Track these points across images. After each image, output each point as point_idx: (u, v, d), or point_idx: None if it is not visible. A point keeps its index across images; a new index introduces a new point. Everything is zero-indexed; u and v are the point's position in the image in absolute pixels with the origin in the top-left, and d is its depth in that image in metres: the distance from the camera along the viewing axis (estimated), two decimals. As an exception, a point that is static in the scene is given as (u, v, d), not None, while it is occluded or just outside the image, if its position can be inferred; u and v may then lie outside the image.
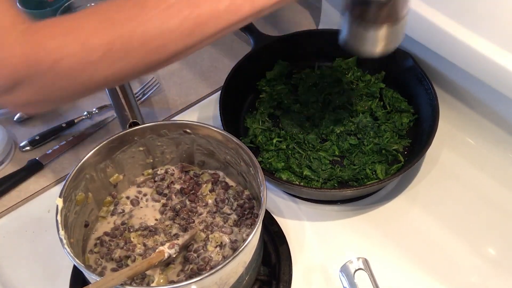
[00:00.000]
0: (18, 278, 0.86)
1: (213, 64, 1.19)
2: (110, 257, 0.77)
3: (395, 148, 0.97)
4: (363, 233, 0.90)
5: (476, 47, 0.86)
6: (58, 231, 0.67)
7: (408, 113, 1.02)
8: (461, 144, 1.01)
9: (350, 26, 0.75)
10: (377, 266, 0.73)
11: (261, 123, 1.03)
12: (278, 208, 0.94)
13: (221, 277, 0.67)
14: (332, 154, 0.97)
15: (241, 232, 0.79)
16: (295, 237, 0.89)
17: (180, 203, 0.83)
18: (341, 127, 1.00)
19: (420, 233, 0.90)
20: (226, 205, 0.82)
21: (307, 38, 1.11)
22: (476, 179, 0.96)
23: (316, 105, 1.04)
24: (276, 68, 1.11)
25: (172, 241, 0.74)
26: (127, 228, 0.80)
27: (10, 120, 1.08)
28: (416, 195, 0.95)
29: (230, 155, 0.81)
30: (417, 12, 0.92)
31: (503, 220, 0.91)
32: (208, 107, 1.10)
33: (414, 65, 1.02)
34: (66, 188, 0.72)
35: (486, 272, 0.85)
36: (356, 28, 0.75)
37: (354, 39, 0.76)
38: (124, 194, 0.85)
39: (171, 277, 0.74)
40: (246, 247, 0.66)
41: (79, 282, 0.83)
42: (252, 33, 1.10)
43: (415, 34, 0.96)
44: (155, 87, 1.14)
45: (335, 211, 0.93)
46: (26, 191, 0.97)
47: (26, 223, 0.92)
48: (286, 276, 0.84)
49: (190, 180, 0.86)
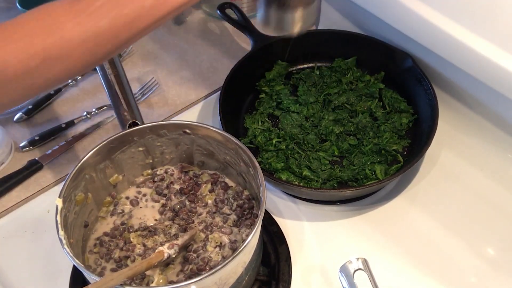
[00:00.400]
0: (18, 278, 0.86)
1: (212, 65, 1.19)
2: (109, 257, 0.77)
3: (395, 149, 0.97)
4: (362, 233, 0.90)
5: (475, 47, 0.86)
6: (58, 231, 0.67)
7: (408, 114, 1.03)
8: (461, 144, 1.01)
9: (268, 9, 0.80)
10: (376, 266, 0.73)
11: (261, 124, 1.03)
12: (278, 209, 0.94)
13: (220, 277, 0.67)
14: (332, 154, 0.98)
15: (241, 232, 0.79)
16: (294, 238, 0.89)
17: (180, 204, 0.83)
18: (341, 127, 1.00)
19: (420, 233, 0.90)
20: (225, 205, 0.83)
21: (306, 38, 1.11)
22: (475, 179, 0.96)
23: (316, 105, 1.04)
24: (275, 68, 1.11)
25: (172, 241, 0.74)
26: (127, 228, 0.80)
27: (10, 120, 1.08)
28: (415, 196, 0.95)
29: (230, 156, 0.81)
30: (416, 13, 0.92)
31: (502, 220, 0.91)
32: (207, 108, 1.10)
33: (413, 65, 1.02)
34: (66, 188, 0.72)
35: (485, 272, 0.85)
36: (274, 12, 0.79)
37: (272, 21, 0.81)
38: (123, 194, 0.85)
39: (170, 277, 0.74)
40: (245, 247, 0.66)
41: (79, 282, 0.83)
42: (252, 33, 1.11)
43: (414, 35, 0.97)
44: (154, 87, 1.14)
45: (334, 212, 0.94)
46: (26, 191, 0.97)
47: (25, 224, 0.92)
48: (285, 276, 0.84)
49: (190, 181, 0.86)
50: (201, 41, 1.24)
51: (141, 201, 0.84)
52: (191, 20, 1.29)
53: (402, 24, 0.98)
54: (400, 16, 0.97)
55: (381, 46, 1.07)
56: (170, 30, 1.26)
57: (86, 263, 0.77)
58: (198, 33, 1.26)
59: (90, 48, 0.59)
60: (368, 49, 1.09)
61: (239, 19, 1.13)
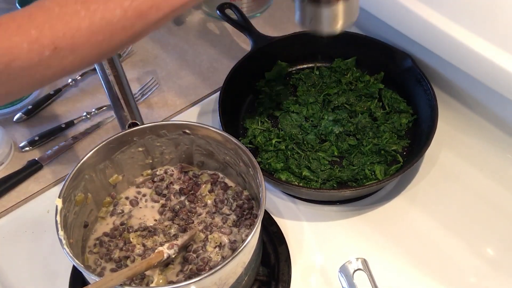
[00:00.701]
0: (18, 279, 0.86)
1: (212, 65, 1.19)
2: (109, 258, 0.77)
3: (394, 149, 0.97)
4: (362, 233, 0.90)
5: (474, 47, 0.86)
6: (58, 232, 0.67)
7: (407, 114, 1.03)
8: (460, 144, 1.01)
9: (305, 7, 0.75)
10: (376, 267, 0.73)
11: (260, 124, 1.03)
12: (277, 209, 0.94)
13: (220, 277, 0.67)
14: (331, 154, 0.98)
15: (240, 232, 0.79)
16: (294, 238, 0.89)
17: (179, 204, 0.83)
18: (340, 127, 1.00)
19: (419, 234, 0.90)
20: (225, 205, 0.83)
21: (306, 38, 1.11)
22: (475, 179, 0.97)
23: (315, 105, 1.04)
24: (275, 68, 1.11)
25: (172, 241, 0.74)
26: (126, 228, 0.80)
27: (9, 121, 1.08)
28: (415, 196, 0.95)
29: (229, 156, 0.81)
30: (415, 13, 0.92)
31: (502, 220, 0.91)
32: (207, 108, 1.10)
33: (413, 65, 1.02)
34: (66, 188, 0.72)
35: (484, 272, 0.85)
36: (311, 9, 0.74)
37: (311, 20, 0.76)
38: (123, 194, 0.85)
39: (170, 277, 0.74)
40: (245, 247, 0.66)
41: (79, 283, 0.83)
42: (251, 33, 1.11)
43: (414, 35, 0.97)
44: (154, 87, 1.14)
45: (334, 212, 0.94)
46: (26, 191, 0.97)
47: (25, 224, 0.92)
48: (285, 276, 0.84)
49: (189, 181, 0.86)
50: (201, 42, 1.24)
51: (140, 201, 0.84)
52: (190, 20, 1.29)
53: (402, 24, 0.98)
54: (399, 17, 0.97)
55: (380, 46, 1.07)
56: (170, 31, 1.27)
57: (86, 263, 0.77)
58: (198, 33, 1.26)
59: (102, 38, 0.57)
60: (368, 49, 1.09)
61: (238, 20, 1.14)
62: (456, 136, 1.02)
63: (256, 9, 1.28)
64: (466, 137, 1.02)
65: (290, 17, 1.28)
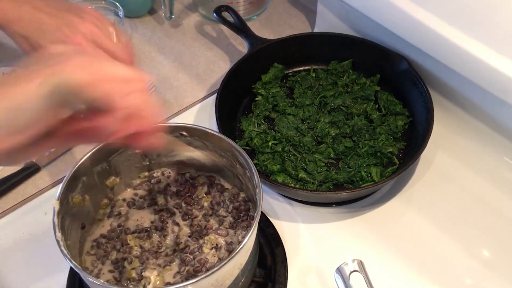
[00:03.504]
0: (15, 281, 0.86)
1: (209, 67, 1.19)
2: (106, 259, 0.77)
3: (390, 151, 0.97)
4: (358, 235, 0.91)
5: (470, 50, 0.86)
6: (55, 233, 0.68)
7: (403, 116, 1.03)
8: (456, 146, 1.02)
9: None
10: (372, 268, 0.73)
11: (257, 126, 1.03)
12: (274, 211, 0.94)
13: (217, 279, 0.67)
14: (328, 156, 0.98)
15: (237, 234, 0.79)
16: (290, 239, 0.89)
17: (176, 206, 0.83)
18: (336, 129, 1.01)
19: (415, 235, 0.90)
20: (221, 207, 0.83)
21: (302, 41, 1.11)
22: (470, 181, 0.97)
23: (312, 107, 1.05)
24: (271, 71, 1.11)
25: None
26: (124, 230, 0.81)
27: (6, 123, 1.08)
28: (410, 198, 0.95)
29: (226, 158, 0.81)
30: (411, 15, 0.92)
31: (497, 222, 0.91)
32: (204, 110, 1.10)
33: (408, 68, 1.03)
34: (63, 190, 0.72)
35: (480, 274, 0.86)
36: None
37: None
38: (120, 196, 0.85)
39: (167, 278, 0.74)
40: (241, 249, 0.66)
41: (76, 284, 0.83)
42: (248, 36, 1.11)
43: (410, 37, 0.97)
44: (151, 90, 1.14)
45: (330, 213, 0.94)
46: (23, 193, 0.97)
47: (23, 226, 0.92)
48: (281, 278, 0.84)
49: (186, 183, 0.86)
50: (198, 44, 1.24)
51: (137, 203, 0.85)
52: (187, 23, 1.29)
53: (398, 27, 0.99)
54: (395, 19, 0.97)
55: (376, 48, 1.08)
56: (166, 33, 1.27)
57: (83, 264, 0.77)
58: (194, 35, 1.26)
59: None
60: (364, 51, 1.09)
61: (235, 22, 1.14)
62: (452, 138, 1.02)
63: (252, 12, 1.28)
64: (461, 139, 1.02)
65: (286, 20, 1.29)
